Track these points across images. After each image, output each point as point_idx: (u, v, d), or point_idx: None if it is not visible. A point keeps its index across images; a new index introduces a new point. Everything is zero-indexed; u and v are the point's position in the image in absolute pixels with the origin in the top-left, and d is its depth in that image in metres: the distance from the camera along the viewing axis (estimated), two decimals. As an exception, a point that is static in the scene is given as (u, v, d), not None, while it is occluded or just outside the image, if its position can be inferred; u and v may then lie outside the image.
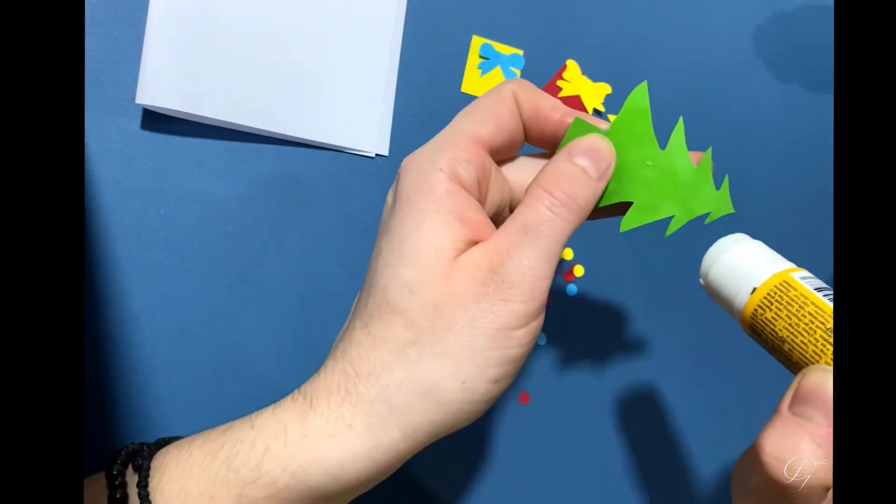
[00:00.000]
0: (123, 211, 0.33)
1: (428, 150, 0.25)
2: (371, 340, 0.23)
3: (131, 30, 0.34)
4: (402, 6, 0.37)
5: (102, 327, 0.33)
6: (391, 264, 0.23)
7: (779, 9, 0.44)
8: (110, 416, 0.33)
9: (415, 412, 0.23)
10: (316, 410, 0.23)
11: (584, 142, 0.25)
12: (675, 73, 0.41)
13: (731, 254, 0.25)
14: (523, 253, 0.23)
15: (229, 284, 0.34)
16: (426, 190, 0.23)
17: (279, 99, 0.35)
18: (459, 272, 0.23)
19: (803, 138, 0.43)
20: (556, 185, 0.24)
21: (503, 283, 0.23)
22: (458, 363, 0.23)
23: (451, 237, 0.23)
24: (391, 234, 0.24)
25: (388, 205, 0.25)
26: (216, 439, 0.24)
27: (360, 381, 0.23)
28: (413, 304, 0.23)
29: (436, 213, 0.23)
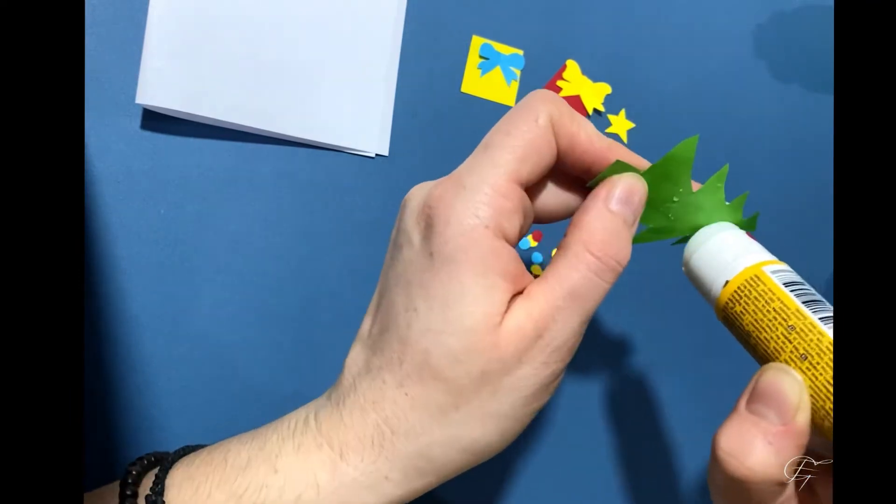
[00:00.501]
0: (123, 211, 0.33)
1: (466, 196, 0.22)
2: (410, 402, 0.23)
3: (131, 30, 0.34)
4: (402, 6, 0.37)
5: (102, 327, 0.33)
6: (434, 329, 0.22)
7: (779, 9, 0.44)
8: (110, 416, 0.33)
9: (453, 464, 0.23)
10: (348, 463, 0.23)
11: (623, 185, 0.24)
12: (675, 73, 0.41)
13: (711, 244, 0.25)
14: (569, 319, 0.23)
15: (229, 284, 0.34)
16: (471, 250, 0.22)
17: (279, 99, 0.35)
18: (508, 339, 0.22)
19: (803, 138, 0.43)
20: (601, 248, 0.23)
21: (548, 348, 0.23)
22: (501, 422, 0.23)
23: (499, 301, 0.22)
24: (430, 293, 0.22)
25: (415, 246, 0.23)
26: (236, 479, 0.23)
27: (397, 439, 0.23)
28: (459, 372, 0.22)
29: (483, 277, 0.22)
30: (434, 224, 0.22)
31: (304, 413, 0.25)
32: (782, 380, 0.21)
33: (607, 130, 0.40)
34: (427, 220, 0.23)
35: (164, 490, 0.23)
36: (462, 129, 0.38)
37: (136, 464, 0.25)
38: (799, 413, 0.21)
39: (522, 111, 0.24)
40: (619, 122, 0.40)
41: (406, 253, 0.23)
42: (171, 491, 0.23)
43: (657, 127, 0.41)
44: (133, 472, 0.24)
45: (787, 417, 0.21)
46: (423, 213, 0.23)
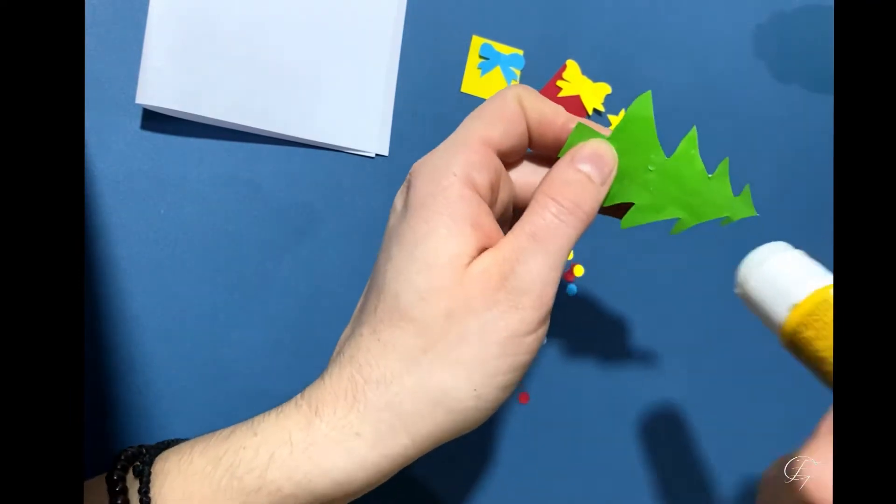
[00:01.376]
0: (123, 211, 0.33)
1: (440, 154, 0.24)
2: (381, 347, 0.23)
3: (131, 30, 0.34)
4: (402, 6, 0.37)
5: (102, 327, 0.33)
6: (402, 270, 0.23)
7: (779, 9, 0.44)
8: (110, 416, 0.33)
9: (425, 420, 0.23)
10: (322, 418, 0.23)
11: (587, 147, 0.25)
12: (675, 73, 0.41)
13: (771, 265, 0.24)
14: (532, 260, 0.23)
15: (229, 284, 0.34)
16: (440, 195, 0.23)
17: (279, 99, 0.35)
18: (472, 280, 0.23)
19: (803, 138, 0.43)
20: (561, 193, 0.24)
21: (514, 290, 0.23)
22: (470, 371, 0.23)
23: (465, 244, 0.23)
24: (402, 240, 0.23)
25: (397, 210, 0.25)
26: (218, 445, 0.23)
27: (369, 388, 0.23)
28: (425, 311, 0.23)
29: (450, 219, 0.23)
30: (411, 182, 0.24)
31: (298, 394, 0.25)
32: None
33: (607, 130, 0.40)
34: (407, 183, 0.25)
35: (152, 461, 0.24)
36: (462, 129, 0.38)
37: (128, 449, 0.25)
38: None
39: (493, 96, 0.26)
40: (619, 122, 0.40)
41: (391, 219, 0.25)
42: (157, 463, 0.24)
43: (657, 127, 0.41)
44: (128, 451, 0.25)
45: None
46: (405, 183, 0.25)
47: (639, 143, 0.25)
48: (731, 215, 0.26)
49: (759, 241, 0.26)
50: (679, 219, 0.26)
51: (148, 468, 0.23)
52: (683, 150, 0.26)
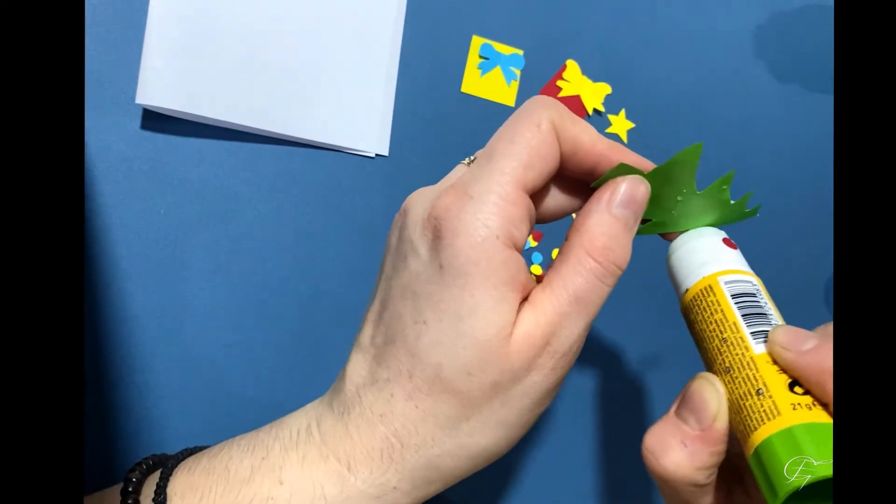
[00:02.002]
0: (123, 211, 0.33)
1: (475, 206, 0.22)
2: (420, 415, 0.23)
3: (131, 30, 0.34)
4: (402, 6, 0.37)
5: (102, 327, 0.33)
6: (445, 343, 0.22)
7: (779, 9, 0.44)
8: (110, 416, 0.33)
9: (460, 470, 0.24)
10: (356, 476, 0.23)
11: (626, 188, 0.24)
12: (675, 73, 0.41)
13: (683, 250, 0.26)
14: (575, 324, 0.23)
15: (229, 284, 0.34)
16: (483, 262, 0.22)
17: (279, 99, 0.35)
18: (518, 349, 0.22)
19: (803, 138, 0.43)
20: (602, 253, 0.23)
21: (555, 354, 0.23)
22: (508, 429, 0.23)
23: (510, 312, 0.22)
24: (441, 307, 0.22)
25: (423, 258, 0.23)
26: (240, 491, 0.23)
27: (407, 451, 0.23)
28: (471, 385, 0.22)
29: (494, 289, 0.22)
30: (442, 235, 0.22)
31: (305, 421, 0.25)
32: (705, 389, 0.22)
33: (607, 130, 0.40)
34: (434, 230, 0.22)
35: (166, 500, 0.23)
36: (462, 129, 0.38)
37: (136, 469, 0.25)
38: (716, 422, 0.22)
39: (524, 118, 0.23)
40: (619, 122, 0.40)
41: (412, 264, 0.23)
42: (173, 501, 0.23)
43: (657, 127, 0.41)
44: (133, 479, 0.24)
45: (704, 424, 0.22)
46: (429, 223, 0.23)
47: (676, 182, 0.25)
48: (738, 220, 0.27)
49: (759, 240, 0.26)
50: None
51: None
52: (716, 186, 0.26)
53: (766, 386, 0.21)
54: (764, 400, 0.21)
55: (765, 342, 0.22)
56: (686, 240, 0.26)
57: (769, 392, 0.21)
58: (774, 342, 0.22)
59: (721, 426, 0.22)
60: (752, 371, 0.22)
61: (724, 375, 0.23)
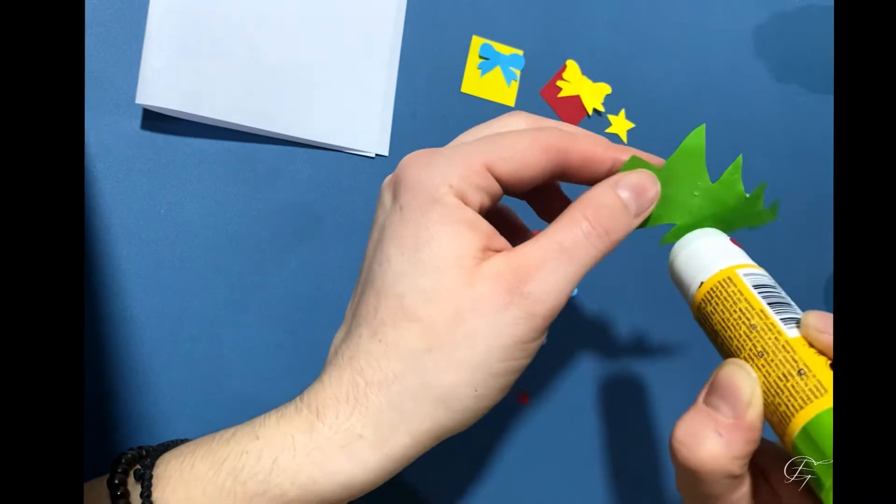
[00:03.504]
0: (123, 211, 0.33)
1: (439, 161, 0.24)
2: (383, 349, 0.23)
3: (131, 30, 0.34)
4: (402, 6, 0.37)
5: (102, 327, 0.33)
6: (406, 273, 0.23)
7: (779, 9, 0.44)
8: (110, 416, 0.33)
9: (425, 418, 0.23)
10: (324, 422, 0.23)
11: (633, 177, 0.25)
12: (675, 73, 0.41)
13: (692, 247, 0.26)
14: (557, 269, 0.23)
15: (229, 284, 0.34)
16: (437, 204, 0.23)
17: (279, 99, 0.35)
18: (483, 280, 0.23)
19: (803, 138, 0.43)
20: (596, 216, 0.24)
21: (530, 297, 0.23)
22: (473, 371, 0.23)
23: (467, 245, 0.23)
24: (402, 243, 0.23)
25: (386, 206, 0.25)
26: (220, 449, 0.23)
27: (371, 390, 0.23)
28: (432, 311, 0.23)
29: (451, 225, 0.23)
30: (403, 180, 0.24)
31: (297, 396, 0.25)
32: (737, 375, 0.22)
33: (607, 130, 0.40)
34: (396, 179, 0.25)
35: (153, 465, 0.24)
36: (462, 129, 0.38)
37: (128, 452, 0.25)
38: (750, 408, 0.21)
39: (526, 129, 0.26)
40: (619, 122, 0.40)
41: (380, 215, 0.25)
42: (158, 467, 0.24)
43: (657, 127, 0.41)
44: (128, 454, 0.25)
45: (738, 411, 0.21)
46: (393, 177, 0.25)
47: (688, 173, 0.26)
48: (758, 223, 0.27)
49: (759, 240, 0.27)
50: None
51: (149, 472, 0.23)
52: (728, 176, 0.26)
53: (808, 366, 0.21)
54: (808, 379, 0.21)
55: (796, 327, 0.22)
56: (693, 238, 0.26)
57: (812, 372, 0.21)
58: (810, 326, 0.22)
59: (756, 411, 0.21)
60: (789, 353, 0.21)
61: (757, 360, 0.22)
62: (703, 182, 0.26)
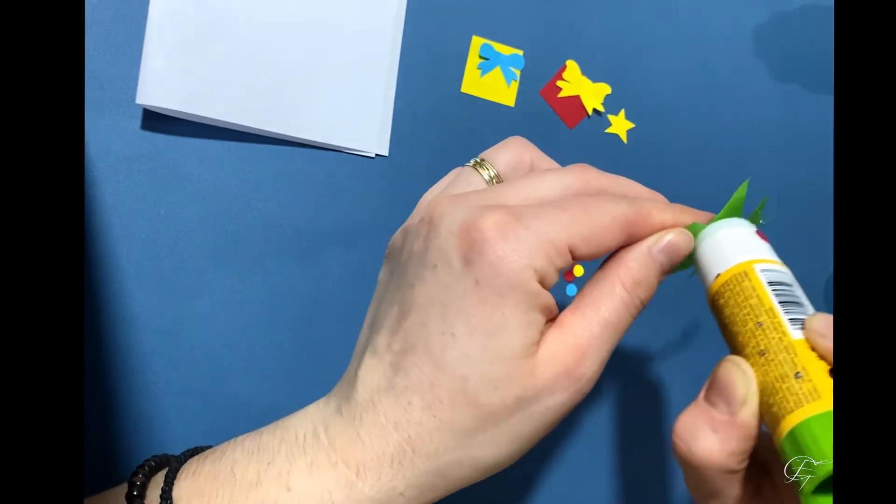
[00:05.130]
0: (123, 211, 0.33)
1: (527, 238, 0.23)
2: (437, 425, 0.23)
3: (131, 30, 0.34)
4: (402, 6, 0.37)
5: (102, 327, 0.33)
6: (473, 356, 0.22)
7: (779, 9, 0.44)
8: (110, 416, 0.33)
9: (464, 480, 0.24)
10: (364, 481, 0.23)
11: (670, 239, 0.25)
12: (675, 73, 0.41)
13: (716, 237, 0.26)
14: (602, 348, 0.24)
15: (229, 284, 0.34)
16: (520, 288, 0.22)
17: (279, 99, 0.35)
18: (543, 368, 0.23)
19: (803, 138, 0.43)
20: (633, 286, 0.24)
21: (583, 377, 0.23)
22: (519, 444, 0.24)
23: (537, 333, 0.23)
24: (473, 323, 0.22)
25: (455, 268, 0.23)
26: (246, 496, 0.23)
27: (418, 458, 0.23)
28: (495, 399, 0.23)
29: (525, 313, 0.23)
30: (485, 252, 0.22)
31: (311, 424, 0.25)
32: (733, 372, 0.22)
33: (607, 130, 0.40)
34: (473, 244, 0.23)
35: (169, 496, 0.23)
36: (462, 129, 0.38)
37: (139, 472, 0.25)
38: (745, 406, 0.22)
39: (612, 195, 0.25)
40: (619, 122, 0.40)
41: (443, 275, 0.23)
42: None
43: (657, 127, 0.41)
44: (137, 482, 0.24)
45: (733, 408, 0.22)
46: (466, 236, 0.23)
47: None
48: None
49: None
50: None
51: None
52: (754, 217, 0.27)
53: (806, 370, 0.21)
54: (803, 383, 0.21)
55: (802, 329, 0.22)
56: (718, 228, 0.26)
57: (809, 376, 0.21)
58: (812, 329, 0.22)
59: (750, 410, 0.22)
60: (790, 355, 0.21)
61: (758, 358, 0.22)
62: None
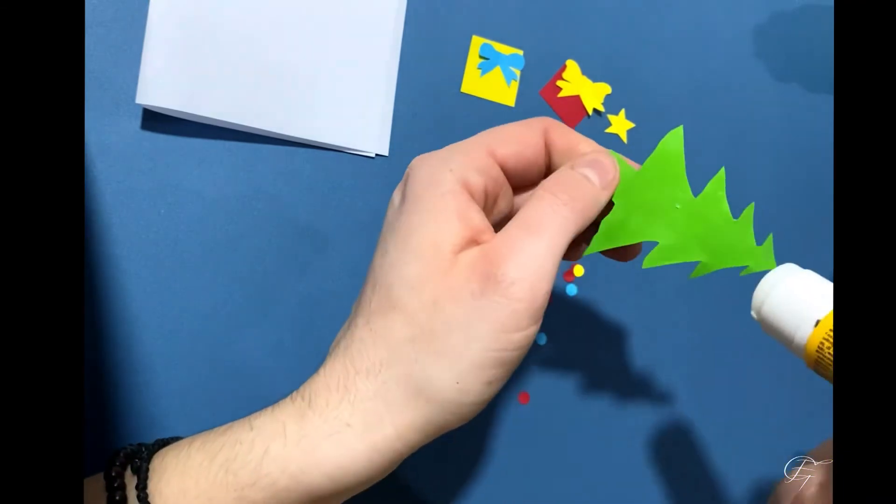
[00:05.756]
0: (123, 211, 0.33)
1: (441, 154, 0.25)
2: (372, 337, 0.23)
3: (131, 30, 0.34)
4: (402, 6, 0.37)
5: (102, 327, 0.33)
6: (395, 262, 0.24)
7: (779, 9, 0.44)
8: (110, 416, 0.33)
9: (408, 409, 0.23)
10: (314, 410, 0.23)
11: (588, 157, 0.25)
12: (675, 73, 0.41)
13: (788, 286, 0.24)
14: (525, 249, 0.23)
15: (229, 284, 0.34)
16: (432, 187, 0.24)
17: (279, 99, 0.35)
18: (458, 268, 0.23)
19: (803, 138, 0.43)
20: (558, 188, 0.24)
21: (504, 280, 0.22)
22: (454, 362, 0.22)
23: (449, 233, 0.23)
24: (397, 233, 0.24)
25: (395, 205, 0.25)
26: (215, 440, 0.24)
27: (360, 377, 0.23)
28: (413, 300, 0.23)
29: (438, 211, 0.23)
30: (408, 176, 0.25)
31: None
32: None
33: (607, 130, 0.40)
34: (405, 176, 0.25)
35: (150, 458, 0.24)
36: (462, 129, 0.38)
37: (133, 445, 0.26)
38: None
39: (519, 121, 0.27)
40: (619, 122, 0.40)
41: (389, 213, 0.26)
42: (154, 459, 0.24)
43: (657, 127, 0.41)
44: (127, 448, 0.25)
45: None
46: (403, 177, 0.26)
47: (667, 178, 0.25)
48: (752, 266, 0.25)
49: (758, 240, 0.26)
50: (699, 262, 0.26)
51: (146, 465, 0.24)
52: (711, 190, 0.25)
53: None
54: None
55: None
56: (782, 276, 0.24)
57: None
58: None
59: None
60: None
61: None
62: (683, 193, 0.25)
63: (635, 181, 0.25)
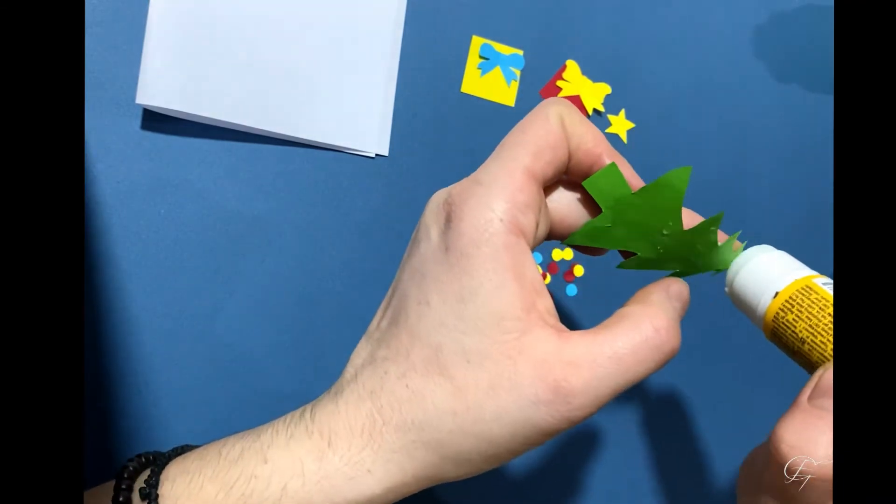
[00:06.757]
0: (123, 211, 0.33)
1: (483, 190, 0.22)
2: (408, 395, 0.22)
3: (131, 30, 0.34)
4: (402, 6, 0.37)
5: (102, 327, 0.33)
6: (447, 324, 0.22)
7: (779, 9, 0.44)
8: (110, 416, 0.33)
9: (432, 467, 0.23)
10: (335, 451, 0.23)
11: (677, 286, 0.25)
12: (675, 73, 0.41)
13: (756, 262, 0.25)
14: (607, 380, 0.22)
15: (229, 284, 0.34)
16: (484, 245, 0.22)
17: (279, 99, 0.35)
18: (527, 363, 0.22)
19: (803, 138, 0.43)
20: (662, 331, 0.23)
21: (572, 403, 0.21)
22: (491, 446, 0.22)
23: (510, 303, 0.22)
24: (444, 289, 0.22)
25: (433, 241, 0.23)
26: (228, 471, 0.23)
27: (387, 430, 0.22)
28: (468, 376, 0.22)
29: (494, 273, 0.22)
30: (451, 219, 0.23)
31: (303, 408, 0.25)
32: None
33: (607, 130, 0.40)
34: (447, 215, 0.23)
35: (158, 483, 0.23)
36: (462, 129, 0.38)
37: (134, 460, 0.25)
38: None
39: (534, 112, 0.24)
40: (619, 122, 0.40)
41: (423, 247, 0.23)
42: (164, 485, 0.23)
43: (657, 127, 0.41)
44: (130, 467, 0.24)
45: None
46: (442, 209, 0.23)
47: (662, 208, 0.25)
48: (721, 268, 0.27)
49: (758, 241, 0.26)
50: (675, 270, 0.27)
51: (155, 491, 0.23)
52: (703, 227, 0.25)
53: None
54: None
55: None
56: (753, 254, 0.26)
57: None
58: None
59: None
60: None
61: None
62: (675, 224, 0.25)
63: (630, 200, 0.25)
